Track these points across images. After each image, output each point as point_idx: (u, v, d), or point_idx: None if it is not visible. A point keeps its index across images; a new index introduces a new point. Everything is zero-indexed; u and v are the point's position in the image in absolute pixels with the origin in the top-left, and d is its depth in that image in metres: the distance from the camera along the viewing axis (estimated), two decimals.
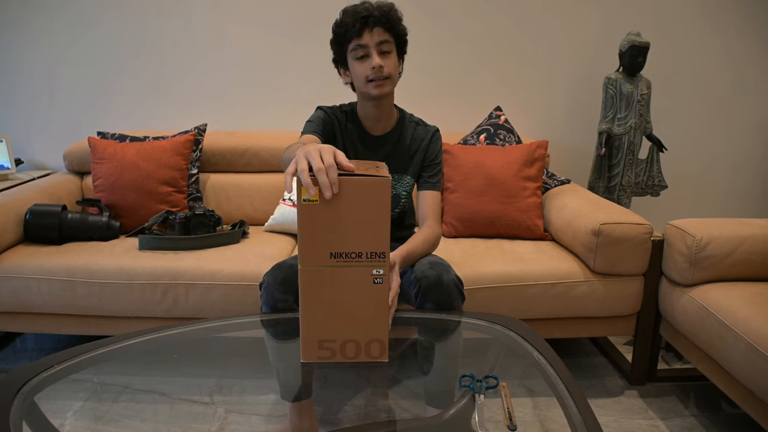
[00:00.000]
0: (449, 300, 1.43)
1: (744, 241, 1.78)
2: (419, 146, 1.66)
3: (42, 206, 2.07)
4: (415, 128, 1.67)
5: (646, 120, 2.51)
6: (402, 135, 1.65)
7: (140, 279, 1.87)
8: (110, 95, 2.72)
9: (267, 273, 1.47)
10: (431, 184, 1.66)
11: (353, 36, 1.47)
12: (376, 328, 1.13)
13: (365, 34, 1.46)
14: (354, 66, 1.52)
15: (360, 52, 1.49)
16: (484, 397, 1.06)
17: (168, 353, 1.34)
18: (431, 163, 1.66)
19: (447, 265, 1.49)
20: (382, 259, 1.10)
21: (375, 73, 1.48)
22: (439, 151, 1.68)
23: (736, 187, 2.97)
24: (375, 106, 1.58)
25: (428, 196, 1.65)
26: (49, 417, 1.06)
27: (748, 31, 2.76)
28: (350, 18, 1.47)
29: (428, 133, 1.67)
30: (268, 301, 1.44)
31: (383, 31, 1.48)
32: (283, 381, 1.28)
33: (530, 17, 2.70)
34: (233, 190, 2.47)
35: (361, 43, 1.47)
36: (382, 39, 1.48)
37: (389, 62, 1.50)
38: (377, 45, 1.47)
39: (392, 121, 1.65)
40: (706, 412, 1.88)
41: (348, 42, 1.49)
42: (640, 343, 2.01)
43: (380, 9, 1.47)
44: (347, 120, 1.65)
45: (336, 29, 1.51)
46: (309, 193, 1.01)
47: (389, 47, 1.50)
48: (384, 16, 1.47)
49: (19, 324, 1.98)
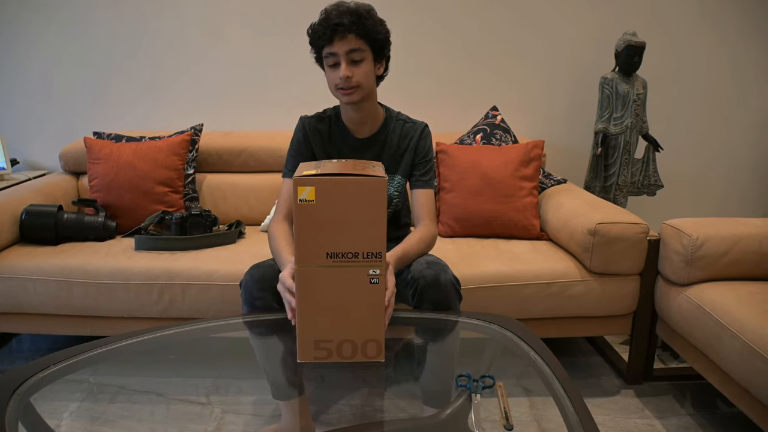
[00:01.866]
0: (446, 300, 1.43)
1: (739, 241, 1.78)
2: (408, 144, 1.63)
3: (38, 206, 2.06)
4: (402, 126, 1.64)
5: (642, 120, 2.52)
6: (389, 135, 1.63)
7: (136, 279, 1.87)
8: (106, 95, 2.72)
9: (246, 272, 1.48)
10: (423, 182, 1.63)
11: (324, 43, 1.45)
12: (373, 328, 1.14)
13: (335, 41, 1.44)
14: (326, 71, 1.51)
15: (331, 60, 1.47)
16: (481, 397, 1.07)
17: (164, 353, 1.34)
18: (422, 160, 1.63)
19: (444, 265, 1.49)
20: (379, 259, 1.10)
21: (343, 83, 1.46)
22: (429, 147, 1.65)
23: (733, 187, 2.98)
24: (354, 111, 1.56)
25: (421, 194, 1.62)
26: (45, 418, 1.06)
27: (746, 31, 2.77)
28: (321, 25, 1.44)
29: (416, 131, 1.63)
30: (247, 300, 1.45)
31: (355, 38, 1.44)
32: (272, 380, 1.28)
33: (527, 17, 2.70)
34: (229, 190, 2.47)
35: (332, 51, 1.45)
36: (353, 47, 1.44)
37: (359, 71, 1.47)
38: (347, 54, 1.44)
39: (378, 122, 1.62)
40: (703, 411, 1.89)
41: (321, 48, 1.48)
42: (636, 342, 2.01)
43: (353, 15, 1.43)
44: (331, 125, 1.62)
45: (311, 35, 1.49)
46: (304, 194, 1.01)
47: (361, 55, 1.46)
48: (355, 24, 1.42)
49: (15, 324, 1.97)
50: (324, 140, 1.61)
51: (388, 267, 1.28)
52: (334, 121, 1.63)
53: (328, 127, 1.62)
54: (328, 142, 1.61)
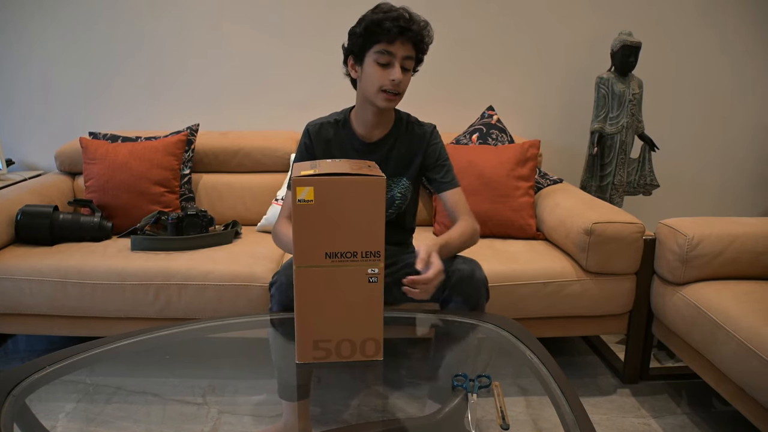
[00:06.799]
0: (477, 296, 1.45)
1: (735, 240, 1.79)
2: (418, 147, 1.61)
3: (33, 207, 2.05)
4: (413, 129, 1.61)
5: (638, 119, 2.53)
6: (398, 138, 1.60)
7: (132, 280, 1.87)
8: (102, 95, 2.71)
9: (279, 273, 1.49)
10: (446, 183, 1.61)
11: (384, 39, 1.40)
12: (371, 327, 1.14)
13: (397, 42, 1.40)
14: (371, 68, 1.44)
15: (385, 59, 1.42)
16: (477, 397, 1.07)
17: (160, 354, 1.34)
18: (437, 163, 1.61)
19: (478, 263, 1.50)
20: (377, 258, 1.10)
21: (392, 86, 1.43)
22: (440, 148, 1.63)
23: (729, 187, 2.99)
24: (375, 114, 1.53)
25: (450, 195, 1.60)
26: (41, 419, 1.06)
27: (744, 31, 2.78)
28: (389, 21, 1.39)
29: (426, 134, 1.61)
30: (281, 301, 1.45)
31: (412, 47, 1.43)
32: (282, 380, 1.28)
33: (523, 17, 2.71)
34: (226, 190, 2.47)
35: (390, 50, 1.41)
36: (409, 54, 1.43)
37: (406, 79, 1.46)
38: (403, 59, 1.42)
39: (388, 126, 1.59)
40: (698, 410, 1.90)
41: (376, 42, 1.41)
42: (632, 341, 2.02)
43: (420, 25, 1.43)
44: (337, 129, 1.58)
45: (369, 24, 1.42)
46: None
47: (410, 64, 1.46)
48: (419, 34, 1.43)
49: (10, 325, 1.96)
50: (329, 145, 1.58)
51: (433, 249, 1.31)
52: (341, 125, 1.59)
53: (334, 131, 1.58)
54: (333, 146, 1.58)
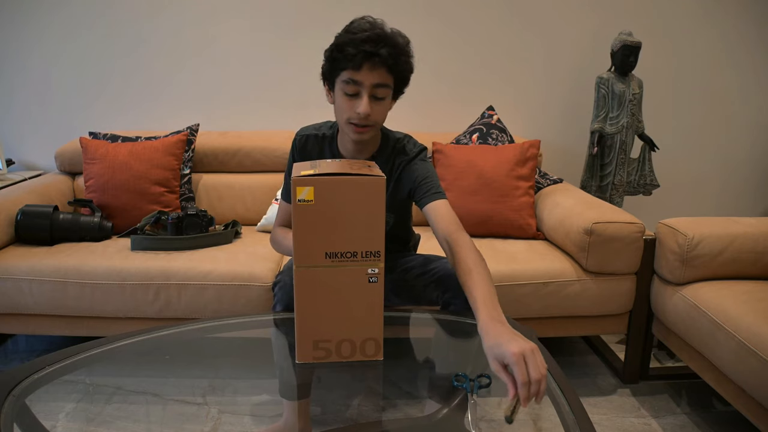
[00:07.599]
0: None
1: (735, 240, 1.79)
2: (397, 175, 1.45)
3: (33, 207, 2.05)
4: (396, 156, 1.45)
5: (638, 119, 2.53)
6: (384, 163, 1.44)
7: (132, 279, 1.87)
8: (102, 95, 2.71)
9: (282, 273, 1.49)
10: (430, 195, 1.38)
11: (349, 66, 1.26)
12: (371, 327, 1.14)
13: (364, 70, 1.25)
14: (340, 98, 1.31)
15: (351, 89, 1.28)
16: (477, 397, 1.07)
17: (160, 354, 1.34)
18: (419, 185, 1.40)
19: None
20: (377, 258, 1.10)
21: (358, 119, 1.29)
22: (422, 170, 1.42)
23: (729, 187, 2.99)
24: (353, 141, 1.39)
25: (435, 207, 1.35)
26: (40, 419, 1.06)
27: (744, 30, 2.78)
28: (352, 47, 1.24)
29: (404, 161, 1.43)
30: (284, 301, 1.45)
31: (385, 73, 1.28)
32: (284, 379, 1.28)
33: (523, 17, 2.71)
34: (225, 190, 2.47)
35: (356, 79, 1.26)
36: (380, 82, 1.28)
37: (379, 109, 1.31)
38: (372, 87, 1.27)
39: (373, 148, 1.45)
40: (698, 410, 1.90)
41: (342, 69, 1.28)
42: (632, 341, 2.02)
43: (390, 47, 1.26)
44: (323, 146, 1.46)
45: (333, 51, 1.28)
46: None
47: (385, 92, 1.30)
48: (392, 58, 1.26)
49: (10, 325, 1.96)
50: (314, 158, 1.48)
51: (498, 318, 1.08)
52: (328, 141, 1.46)
53: (319, 147, 1.47)
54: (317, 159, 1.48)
